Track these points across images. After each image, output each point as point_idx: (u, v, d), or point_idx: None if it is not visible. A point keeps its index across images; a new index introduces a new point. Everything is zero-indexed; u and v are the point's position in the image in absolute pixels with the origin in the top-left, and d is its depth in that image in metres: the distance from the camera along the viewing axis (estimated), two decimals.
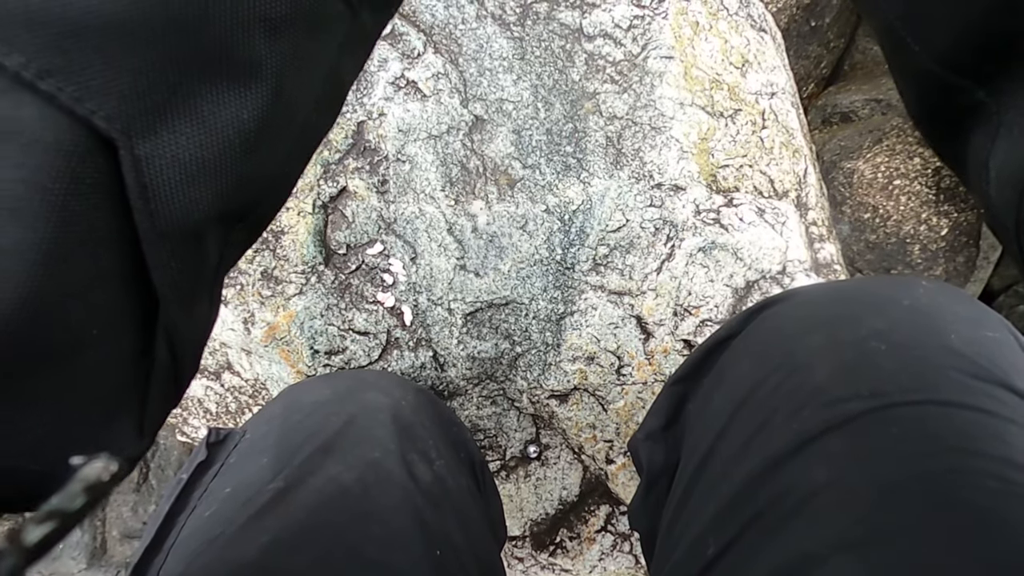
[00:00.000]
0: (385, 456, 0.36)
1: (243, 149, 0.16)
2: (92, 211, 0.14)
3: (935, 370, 0.29)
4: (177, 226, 0.15)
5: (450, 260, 0.54)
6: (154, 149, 0.14)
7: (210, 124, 0.15)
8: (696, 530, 0.32)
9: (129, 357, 0.16)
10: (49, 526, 0.14)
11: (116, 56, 0.13)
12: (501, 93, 0.55)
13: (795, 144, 0.62)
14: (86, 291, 0.14)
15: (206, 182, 0.15)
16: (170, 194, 0.14)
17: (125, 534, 0.64)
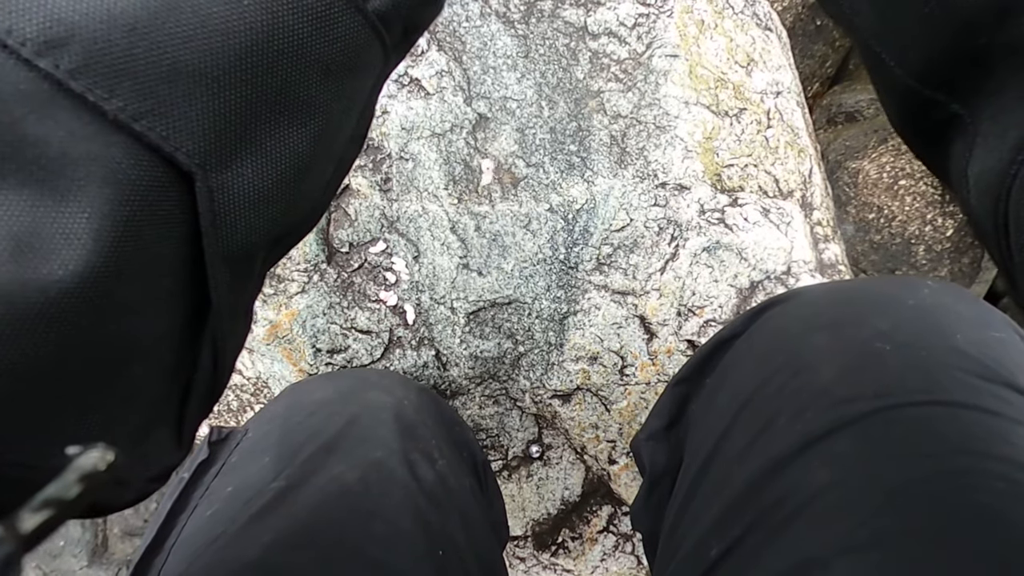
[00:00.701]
0: (387, 456, 0.36)
1: (296, 179, 0.17)
2: (160, 238, 0.15)
3: (940, 370, 0.29)
4: (238, 248, 0.16)
5: (453, 259, 0.54)
6: (225, 181, 0.16)
7: (272, 157, 0.17)
8: (699, 531, 0.31)
9: (172, 369, 0.17)
10: (45, 514, 0.14)
11: (200, 100, 0.15)
12: (505, 91, 0.55)
13: (800, 144, 0.61)
14: (146, 307, 0.16)
15: (265, 209, 0.17)
16: (235, 220, 0.16)
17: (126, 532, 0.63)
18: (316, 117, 0.17)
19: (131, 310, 0.15)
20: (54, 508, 0.14)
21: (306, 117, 0.17)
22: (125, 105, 0.14)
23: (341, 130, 0.19)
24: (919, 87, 0.19)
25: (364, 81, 0.19)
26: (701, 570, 0.30)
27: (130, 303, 0.15)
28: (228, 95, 0.15)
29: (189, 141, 0.15)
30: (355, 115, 0.20)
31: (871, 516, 0.25)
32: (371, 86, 0.20)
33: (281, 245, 0.19)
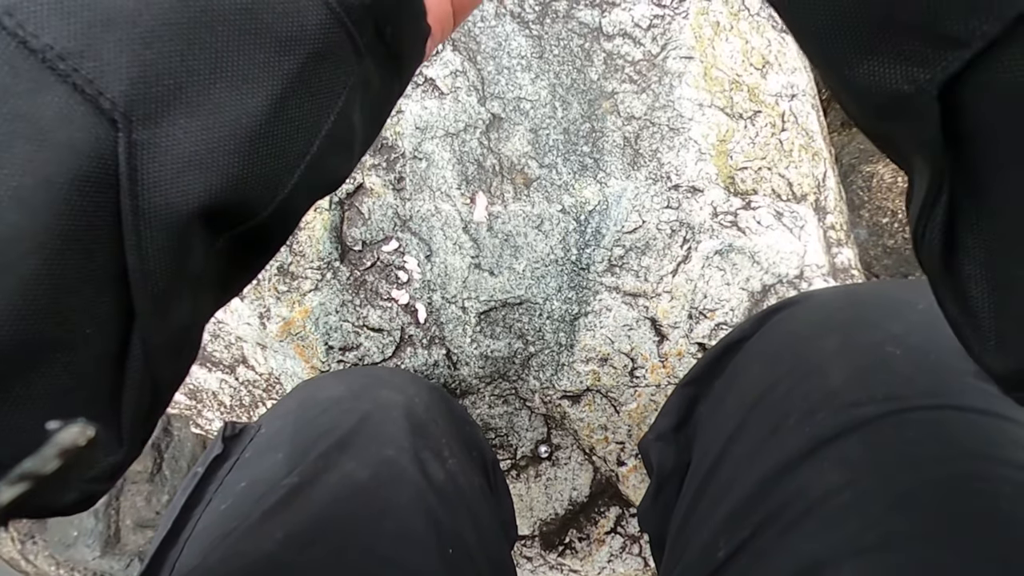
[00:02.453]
0: (398, 454, 0.36)
1: (237, 151, 0.16)
2: (93, 207, 0.14)
3: (952, 375, 0.28)
4: (159, 213, 0.15)
5: (465, 258, 0.54)
6: (151, 137, 0.15)
7: (207, 122, 0.16)
8: (707, 532, 0.32)
9: (112, 362, 0.16)
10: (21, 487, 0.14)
11: (133, 47, 0.14)
12: (519, 92, 0.55)
13: (815, 147, 0.61)
14: (80, 287, 0.14)
15: (195, 175, 0.15)
16: (157, 180, 0.15)
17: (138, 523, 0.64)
18: (266, 90, 0.16)
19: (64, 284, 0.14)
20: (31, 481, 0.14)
21: (254, 87, 0.16)
22: (54, 43, 0.14)
23: (305, 121, 0.18)
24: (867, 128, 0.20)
25: (332, 73, 0.18)
26: (709, 571, 0.30)
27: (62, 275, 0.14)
28: (162, 46, 0.15)
29: (116, 86, 0.14)
30: (329, 111, 0.19)
31: (881, 518, 0.25)
32: (345, 84, 0.19)
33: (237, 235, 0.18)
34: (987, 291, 0.16)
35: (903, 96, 0.15)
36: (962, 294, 0.17)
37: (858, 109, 0.18)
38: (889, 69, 0.15)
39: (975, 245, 0.16)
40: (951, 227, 0.16)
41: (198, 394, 0.60)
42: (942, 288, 0.18)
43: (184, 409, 0.62)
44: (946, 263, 0.17)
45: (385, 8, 0.19)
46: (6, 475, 0.14)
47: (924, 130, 0.15)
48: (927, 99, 0.15)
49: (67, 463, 0.14)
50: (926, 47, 0.14)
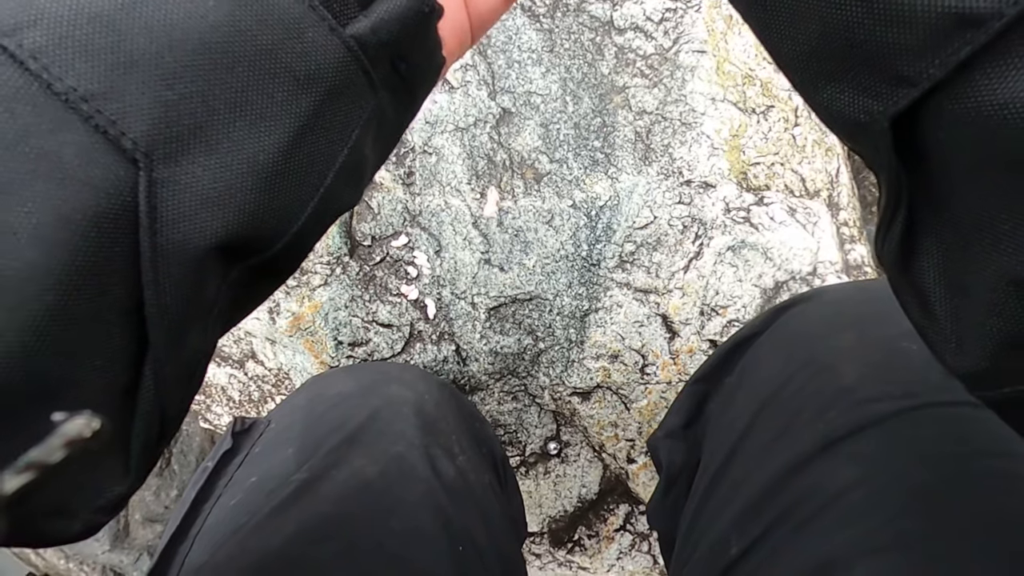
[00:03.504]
0: (408, 450, 0.36)
1: (254, 188, 0.17)
2: (109, 244, 0.15)
3: None
4: (177, 249, 0.16)
5: (475, 254, 0.53)
6: (171, 175, 0.15)
7: (226, 160, 0.16)
8: (718, 530, 0.31)
9: (122, 393, 0.16)
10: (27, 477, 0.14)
11: (155, 89, 0.15)
12: (529, 86, 0.55)
13: (828, 142, 0.60)
14: (92, 322, 0.15)
15: (213, 212, 0.16)
16: (176, 217, 0.15)
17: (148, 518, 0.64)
18: (282, 129, 0.17)
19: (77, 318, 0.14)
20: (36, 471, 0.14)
21: (272, 125, 0.17)
22: (77, 85, 0.14)
23: (320, 156, 0.18)
24: None
25: (348, 109, 0.19)
26: (720, 568, 0.30)
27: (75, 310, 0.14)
28: (184, 87, 0.15)
29: (137, 126, 0.15)
30: (340, 147, 0.19)
31: (896, 516, 0.25)
32: (360, 119, 0.19)
33: (249, 265, 0.18)
34: (945, 296, 0.17)
35: (860, 124, 0.16)
36: (924, 299, 0.18)
37: (829, 126, 0.19)
38: (848, 98, 0.16)
39: (934, 252, 0.17)
40: (912, 235, 0.17)
41: (207, 389, 0.60)
42: (904, 294, 0.19)
43: (193, 404, 0.62)
44: (907, 269, 0.18)
45: (401, 45, 0.19)
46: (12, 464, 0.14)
47: (879, 155, 0.16)
48: (880, 128, 0.16)
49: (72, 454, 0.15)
50: (879, 82, 0.15)
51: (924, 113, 0.15)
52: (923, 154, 0.16)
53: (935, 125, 0.15)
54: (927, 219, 0.17)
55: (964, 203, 0.15)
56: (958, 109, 0.14)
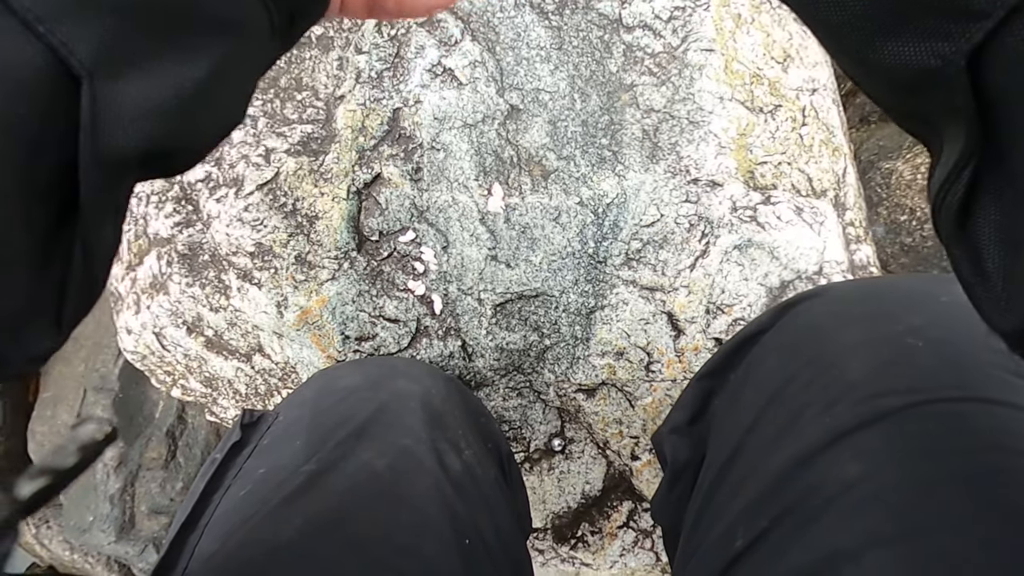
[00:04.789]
0: (416, 444, 0.36)
1: (177, 109, 0.20)
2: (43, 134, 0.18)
3: (975, 367, 0.28)
4: (111, 155, 0.19)
5: (482, 250, 0.54)
6: (110, 91, 0.18)
7: (156, 83, 0.19)
8: (724, 523, 0.31)
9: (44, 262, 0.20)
10: (42, 481, 0.15)
11: (99, 20, 0.18)
12: (537, 83, 0.55)
13: (835, 142, 0.60)
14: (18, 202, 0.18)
15: (142, 125, 0.19)
16: (113, 127, 0.18)
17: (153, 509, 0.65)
18: (205, 63, 0.20)
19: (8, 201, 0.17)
20: (51, 476, 0.15)
21: (196, 59, 0.20)
22: (34, 5, 0.17)
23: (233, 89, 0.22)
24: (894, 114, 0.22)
25: (251, 49, 0.22)
26: (726, 561, 0.30)
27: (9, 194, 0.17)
28: (123, 23, 0.18)
29: (83, 49, 0.17)
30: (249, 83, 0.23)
31: (902, 510, 0.25)
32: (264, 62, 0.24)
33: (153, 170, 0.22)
34: (999, 252, 0.17)
35: (931, 71, 0.16)
36: (976, 255, 0.18)
37: (886, 90, 0.19)
38: (914, 47, 0.16)
39: (991, 208, 0.17)
40: (970, 191, 0.18)
41: (213, 382, 0.61)
42: (957, 250, 0.19)
43: (199, 397, 0.62)
44: (961, 225, 0.18)
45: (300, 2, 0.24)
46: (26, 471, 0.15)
47: (954, 101, 0.16)
48: (955, 70, 0.16)
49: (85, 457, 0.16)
50: (948, 22, 0.15)
51: (987, 56, 0.15)
52: (985, 102, 0.16)
53: (998, 68, 0.15)
54: (985, 175, 0.17)
55: None
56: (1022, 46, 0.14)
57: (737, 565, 0.29)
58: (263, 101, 0.55)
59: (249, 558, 0.29)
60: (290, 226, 0.52)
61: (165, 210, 0.54)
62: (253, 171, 0.53)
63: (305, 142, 0.54)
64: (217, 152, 0.54)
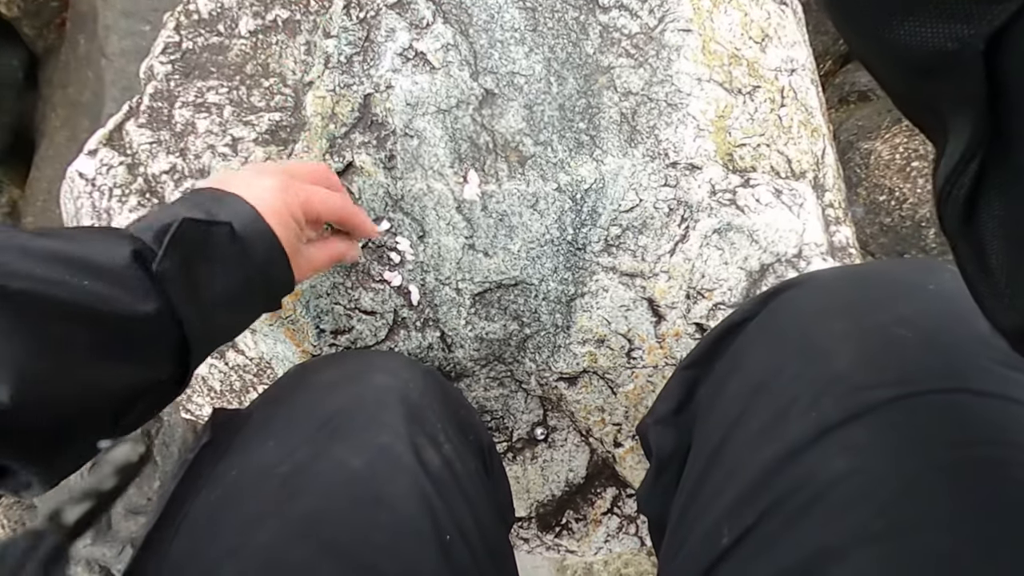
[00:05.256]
0: (393, 440, 0.35)
1: None
2: None
3: (965, 358, 0.28)
4: None
5: (459, 239, 0.52)
6: None
7: None
8: (710, 519, 0.31)
9: None
10: (86, 505, 0.17)
11: None
12: (512, 66, 0.54)
13: (814, 123, 0.60)
14: None
15: None
16: None
17: (130, 510, 0.64)
18: None
19: None
20: (93, 499, 0.17)
21: None
22: None
23: None
24: None
25: None
26: (712, 558, 0.29)
27: None
28: None
29: None
30: None
31: (890, 506, 0.24)
32: None
33: None
34: (1004, 247, 0.17)
35: (947, 54, 0.16)
36: (980, 251, 0.18)
37: (896, 72, 0.18)
38: (931, 27, 0.16)
39: (997, 202, 0.17)
40: (975, 185, 0.17)
41: None
42: (961, 245, 0.19)
43: None
44: (966, 220, 0.18)
45: None
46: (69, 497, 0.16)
47: (967, 87, 0.16)
48: (972, 55, 0.15)
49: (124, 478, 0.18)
50: (970, 2, 0.15)
51: (1009, 40, 0.14)
52: (997, 92, 0.15)
53: (1018, 54, 0.14)
54: (991, 168, 0.16)
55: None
56: None
57: (723, 562, 0.28)
58: (228, 88, 0.53)
59: (219, 564, 0.28)
60: None
61: (129, 204, 0.52)
62: (220, 162, 0.51)
63: (274, 130, 0.52)
64: (182, 142, 0.52)
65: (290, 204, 0.38)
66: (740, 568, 0.28)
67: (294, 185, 0.39)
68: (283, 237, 0.36)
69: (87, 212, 0.52)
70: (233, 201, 0.35)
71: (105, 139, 0.51)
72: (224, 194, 0.35)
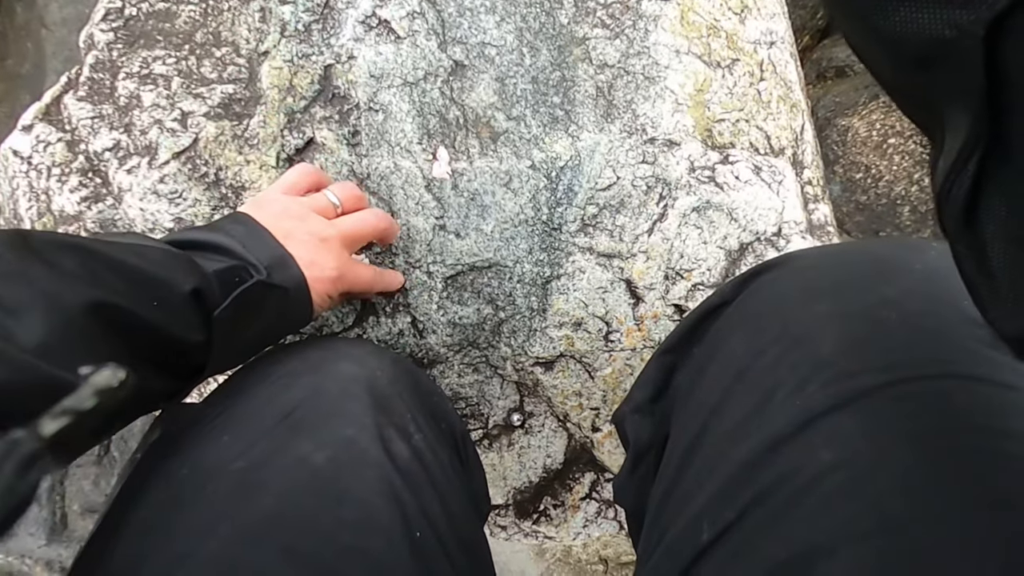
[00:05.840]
0: (359, 432, 0.33)
1: None
2: None
3: (952, 341, 0.27)
4: None
5: (428, 220, 0.50)
6: None
7: None
8: (689, 514, 0.30)
9: None
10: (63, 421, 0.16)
11: None
12: (483, 36, 0.51)
13: (793, 98, 0.59)
14: None
15: None
16: None
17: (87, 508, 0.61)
18: None
19: None
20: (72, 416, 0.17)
21: None
22: None
23: None
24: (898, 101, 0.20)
25: None
26: (692, 555, 0.28)
27: None
28: None
29: None
30: None
31: (880, 500, 0.23)
32: None
33: None
34: (1006, 250, 0.16)
35: (944, 42, 0.15)
36: (981, 253, 0.17)
37: (891, 62, 0.17)
38: (929, 14, 0.15)
39: (998, 203, 0.16)
40: (976, 185, 0.16)
41: None
42: (961, 247, 0.18)
43: None
44: (967, 221, 0.17)
45: None
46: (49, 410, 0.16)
47: (966, 78, 0.15)
48: (972, 42, 0.14)
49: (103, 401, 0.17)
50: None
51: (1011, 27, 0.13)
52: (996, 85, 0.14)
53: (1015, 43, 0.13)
54: (993, 164, 0.16)
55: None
56: None
57: (704, 559, 0.27)
58: (176, 59, 0.49)
59: (166, 574, 0.26)
60: (213, 198, 0.48)
61: (69, 183, 0.48)
62: (168, 138, 0.48)
63: (226, 104, 0.49)
64: (126, 117, 0.49)
65: (332, 291, 0.42)
66: (721, 566, 0.26)
67: (347, 276, 0.43)
68: (316, 306, 0.41)
69: (24, 193, 0.48)
70: (293, 267, 0.39)
71: (41, 113, 0.48)
72: (287, 256, 0.39)
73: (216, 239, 0.37)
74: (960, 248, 0.18)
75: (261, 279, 0.36)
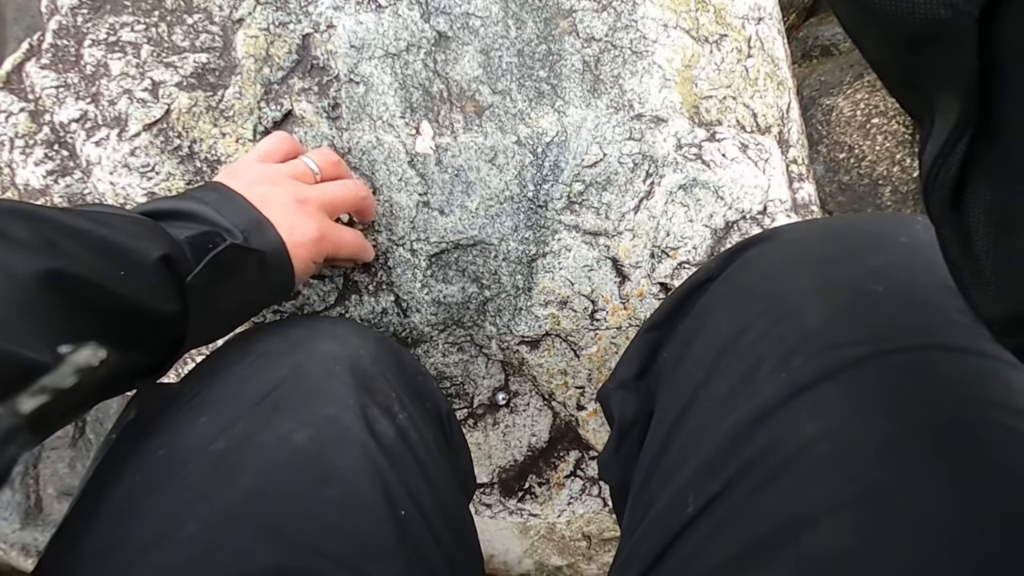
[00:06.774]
0: (342, 411, 0.33)
1: None
2: None
3: (937, 312, 0.27)
4: None
5: (412, 196, 0.49)
6: None
7: None
8: (674, 486, 0.30)
9: None
10: (42, 399, 0.17)
11: None
12: (467, 6, 0.49)
13: (780, 76, 0.58)
14: None
15: None
16: None
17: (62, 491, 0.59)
18: None
19: None
20: (50, 394, 0.17)
21: None
22: None
23: None
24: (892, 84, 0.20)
25: None
26: (677, 527, 0.28)
27: None
28: None
29: None
30: None
31: (864, 470, 0.23)
32: None
33: None
34: (990, 234, 0.16)
35: (938, 21, 0.15)
36: (965, 237, 0.17)
37: (885, 42, 0.17)
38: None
39: (983, 187, 0.16)
40: (963, 169, 0.16)
41: None
42: (946, 231, 0.18)
43: None
44: (953, 205, 0.17)
45: None
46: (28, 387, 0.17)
47: (959, 59, 0.15)
48: (966, 22, 0.14)
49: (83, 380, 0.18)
50: None
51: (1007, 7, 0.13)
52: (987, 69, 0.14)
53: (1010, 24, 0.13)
54: (979, 148, 0.16)
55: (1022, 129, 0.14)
56: None
57: (688, 531, 0.27)
58: (146, 25, 0.47)
59: (140, 558, 0.25)
60: (187, 172, 0.46)
61: (35, 156, 0.46)
62: (138, 108, 0.46)
63: (200, 74, 0.47)
64: (93, 86, 0.46)
65: (315, 255, 0.40)
66: (706, 538, 0.26)
67: (329, 238, 0.41)
68: (298, 272, 0.39)
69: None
70: (269, 230, 0.37)
71: (2, 82, 0.45)
72: (263, 220, 0.37)
73: (187, 206, 0.35)
74: (945, 232, 0.18)
75: (236, 243, 0.34)
